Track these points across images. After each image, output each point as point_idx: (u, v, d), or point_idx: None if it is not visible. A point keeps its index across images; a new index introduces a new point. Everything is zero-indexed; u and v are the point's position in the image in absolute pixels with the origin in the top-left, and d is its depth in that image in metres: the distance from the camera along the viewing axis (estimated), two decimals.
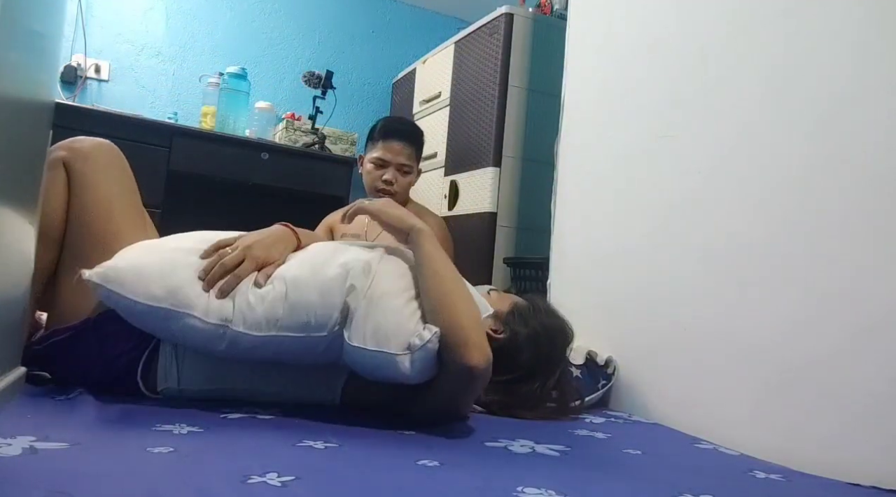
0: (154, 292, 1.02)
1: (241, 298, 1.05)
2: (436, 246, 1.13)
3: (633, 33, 1.66)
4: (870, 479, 0.96)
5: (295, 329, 1.04)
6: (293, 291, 1.04)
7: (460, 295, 1.07)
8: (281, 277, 1.06)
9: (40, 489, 0.63)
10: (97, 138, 1.27)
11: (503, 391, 1.23)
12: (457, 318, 1.01)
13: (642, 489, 0.86)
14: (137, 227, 1.23)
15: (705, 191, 1.37)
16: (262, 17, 3.24)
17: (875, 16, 1.09)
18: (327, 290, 1.04)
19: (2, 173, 0.79)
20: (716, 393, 1.27)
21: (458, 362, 0.99)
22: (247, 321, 1.03)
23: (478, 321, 1.07)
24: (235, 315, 1.03)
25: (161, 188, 2.47)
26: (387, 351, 0.99)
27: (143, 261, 1.05)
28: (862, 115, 1.09)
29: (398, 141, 2.01)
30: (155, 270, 1.04)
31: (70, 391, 1.06)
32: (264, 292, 1.05)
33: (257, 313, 1.03)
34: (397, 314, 1.01)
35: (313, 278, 1.05)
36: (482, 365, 1.00)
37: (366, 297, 1.03)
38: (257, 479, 0.71)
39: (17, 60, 0.82)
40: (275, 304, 1.04)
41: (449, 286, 1.07)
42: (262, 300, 1.04)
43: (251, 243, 1.12)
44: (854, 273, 1.06)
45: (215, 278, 1.06)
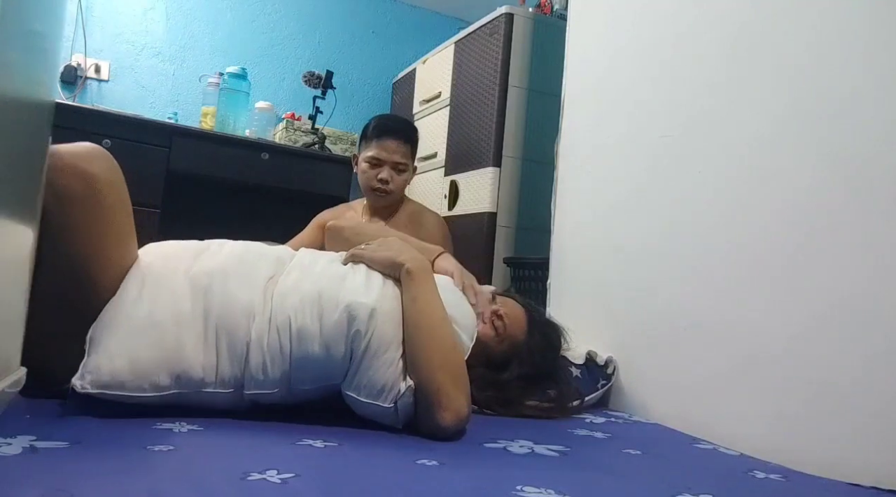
0: (160, 383, 0.97)
1: (248, 364, 1.01)
2: (421, 287, 1.10)
3: (633, 33, 1.66)
4: (869, 480, 0.96)
5: (308, 382, 1.04)
6: (297, 347, 1.01)
7: (437, 345, 1.05)
8: (287, 327, 1.02)
9: (40, 488, 0.63)
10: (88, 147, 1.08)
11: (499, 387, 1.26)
12: (431, 375, 1.02)
13: (642, 489, 0.86)
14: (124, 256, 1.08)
15: (705, 191, 1.37)
16: (262, 17, 3.24)
17: (879, 16, 1.09)
18: (333, 342, 1.02)
19: (1, 173, 0.79)
20: (716, 393, 1.27)
21: (429, 421, 1.01)
22: (259, 383, 1.01)
23: (454, 374, 1.05)
24: (247, 380, 1.01)
25: (161, 188, 2.47)
26: (378, 403, 1.01)
27: (135, 353, 0.96)
28: (866, 116, 1.09)
29: (393, 139, 2.00)
30: (151, 361, 0.96)
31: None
32: (273, 350, 1.01)
33: (269, 374, 1.01)
34: (391, 367, 1.02)
35: (318, 329, 1.02)
36: (452, 426, 1.01)
37: (366, 350, 1.02)
38: (257, 476, 0.71)
39: (17, 60, 0.82)
40: (283, 362, 1.01)
41: (425, 337, 1.05)
42: (272, 361, 1.01)
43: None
44: (855, 274, 1.06)
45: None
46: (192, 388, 0.99)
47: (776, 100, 1.24)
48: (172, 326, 0.99)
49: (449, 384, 1.02)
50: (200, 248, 1.15)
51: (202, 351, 0.99)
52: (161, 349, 0.97)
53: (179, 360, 0.98)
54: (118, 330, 0.98)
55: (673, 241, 1.43)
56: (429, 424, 1.01)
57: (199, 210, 2.84)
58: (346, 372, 1.03)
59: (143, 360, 0.96)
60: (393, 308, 1.07)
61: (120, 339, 0.97)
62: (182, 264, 1.07)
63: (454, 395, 1.02)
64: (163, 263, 1.07)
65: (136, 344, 0.97)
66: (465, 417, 1.03)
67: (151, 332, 0.98)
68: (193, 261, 1.09)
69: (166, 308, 1.00)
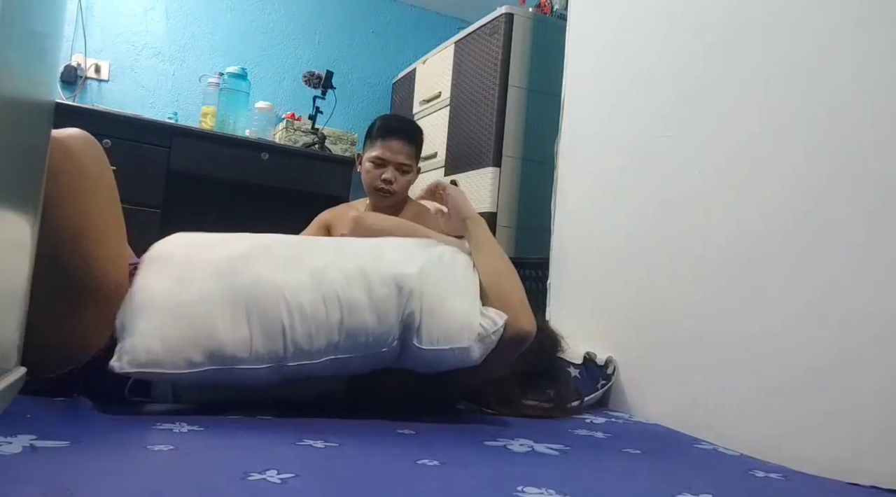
0: (194, 359, 0.99)
1: (292, 333, 1.03)
2: (487, 233, 1.28)
3: (633, 33, 1.66)
4: (869, 479, 0.96)
5: (355, 350, 1.06)
6: (349, 317, 1.05)
7: (510, 274, 1.22)
8: (335, 299, 1.05)
9: (41, 487, 0.63)
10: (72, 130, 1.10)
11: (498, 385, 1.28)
12: (509, 294, 1.17)
13: (642, 488, 0.86)
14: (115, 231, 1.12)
15: (705, 191, 1.37)
16: (262, 17, 3.24)
17: (876, 17, 1.09)
18: (384, 311, 1.06)
19: (1, 173, 0.79)
20: (716, 393, 1.27)
21: (512, 328, 1.11)
22: (304, 353, 1.04)
23: (524, 296, 1.20)
24: (289, 351, 1.03)
25: (161, 188, 2.47)
26: (459, 345, 1.07)
27: (167, 331, 0.99)
28: (859, 115, 1.09)
29: (397, 140, 2.00)
30: (184, 337, 0.99)
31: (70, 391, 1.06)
32: (319, 320, 1.04)
33: (314, 344, 1.04)
34: (459, 314, 1.09)
35: (368, 300, 1.06)
36: (532, 330, 1.15)
37: (424, 310, 1.07)
38: (257, 476, 0.72)
39: (17, 60, 0.82)
40: (331, 331, 1.04)
41: (501, 265, 1.22)
42: (318, 330, 1.04)
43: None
44: (856, 274, 1.06)
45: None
46: (225, 364, 1.01)
47: (775, 99, 1.24)
48: (201, 305, 1.02)
49: (523, 300, 1.18)
50: (219, 238, 1.18)
51: (232, 328, 1.01)
52: (191, 327, 1.00)
53: (211, 337, 1.00)
54: (146, 312, 1.00)
55: (673, 240, 1.43)
56: (511, 331, 1.11)
57: (199, 210, 2.84)
58: (394, 339, 1.07)
59: (173, 338, 0.99)
60: (438, 270, 1.13)
61: (149, 321, 1.00)
62: (203, 252, 1.10)
63: (527, 308, 1.17)
64: (183, 252, 1.11)
65: (166, 323, 1.00)
66: (535, 326, 1.17)
67: (179, 311, 1.01)
68: (214, 249, 1.12)
69: (192, 288, 1.03)
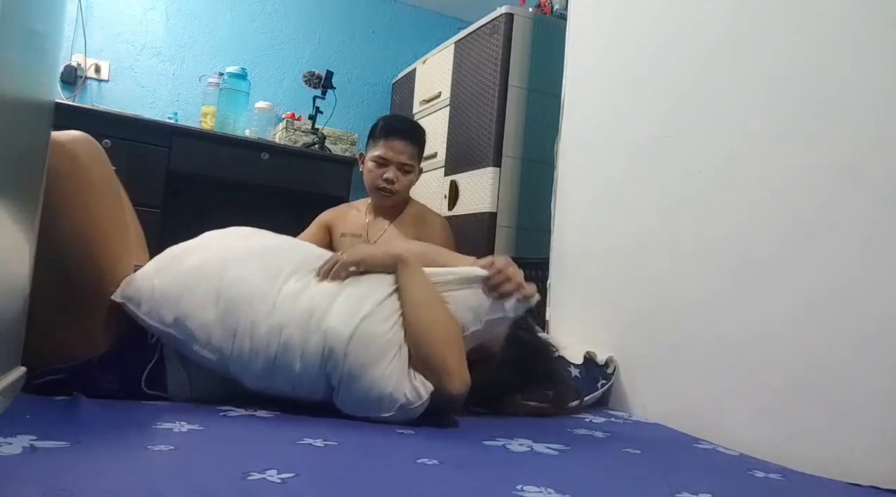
0: (164, 317, 1.09)
1: (240, 342, 1.09)
2: (415, 276, 1.19)
3: (633, 33, 1.66)
4: (869, 479, 0.96)
5: (286, 389, 1.11)
6: (281, 356, 1.09)
7: (439, 323, 1.14)
8: (278, 332, 1.09)
9: (41, 487, 0.63)
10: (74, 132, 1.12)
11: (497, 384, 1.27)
12: (434, 348, 1.11)
13: (641, 488, 0.86)
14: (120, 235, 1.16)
15: (706, 191, 1.37)
16: (262, 17, 3.24)
17: (877, 17, 1.09)
18: (309, 362, 1.08)
19: (2, 173, 0.79)
20: (716, 393, 1.27)
21: (438, 389, 1.09)
22: (244, 367, 1.10)
23: (457, 347, 1.13)
24: (233, 355, 1.09)
25: (161, 188, 2.47)
26: (376, 414, 1.08)
27: (160, 282, 1.10)
28: (859, 114, 1.09)
29: (400, 140, 2.00)
30: (168, 294, 1.09)
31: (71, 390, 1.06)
32: (260, 346, 1.08)
33: (251, 363, 1.09)
34: (379, 386, 1.06)
35: (300, 345, 1.08)
36: (460, 391, 1.10)
37: (344, 376, 1.07)
38: (257, 475, 0.72)
39: (17, 60, 0.83)
40: (267, 360, 1.09)
41: (427, 316, 1.14)
42: (258, 354, 1.09)
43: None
44: (855, 275, 1.06)
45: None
46: (184, 335, 1.08)
47: (775, 99, 1.24)
48: (193, 273, 1.12)
49: (454, 354, 1.11)
50: (252, 232, 1.27)
51: (204, 306, 1.09)
52: (176, 288, 1.10)
53: (185, 304, 1.09)
54: (160, 261, 1.15)
55: (673, 241, 1.43)
56: (439, 395, 1.08)
57: (199, 210, 2.84)
58: (321, 390, 1.10)
59: (160, 290, 1.09)
60: (385, 329, 1.11)
61: (155, 267, 1.13)
62: (230, 237, 1.23)
63: (459, 363, 1.11)
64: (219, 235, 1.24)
65: (163, 275, 1.11)
66: (468, 383, 1.11)
67: (177, 272, 1.12)
68: (239, 238, 1.23)
69: (196, 259, 1.15)
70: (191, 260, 1.15)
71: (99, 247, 1.09)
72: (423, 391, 1.08)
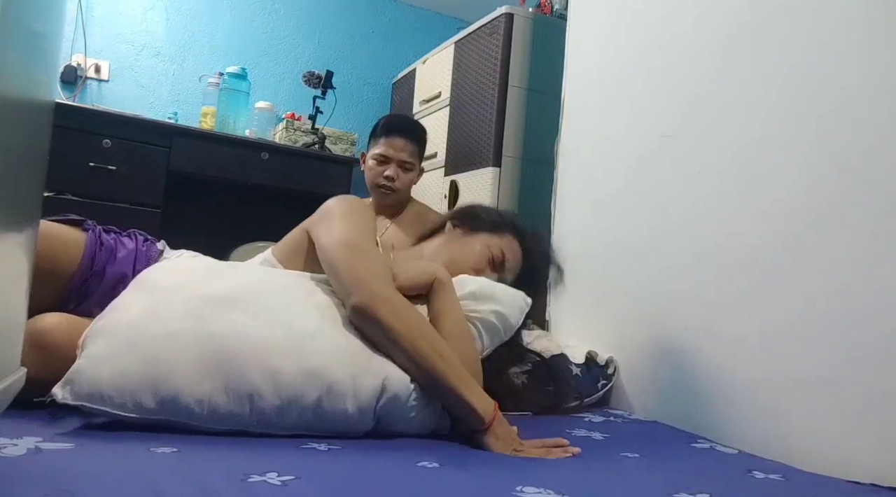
0: (145, 404, 0.87)
1: (261, 401, 0.91)
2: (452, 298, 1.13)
3: (633, 33, 1.66)
4: (869, 477, 0.96)
5: (326, 429, 0.96)
6: (327, 399, 0.93)
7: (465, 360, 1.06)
8: (317, 375, 0.93)
9: (43, 488, 0.63)
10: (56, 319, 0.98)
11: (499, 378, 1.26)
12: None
13: (640, 488, 0.86)
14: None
15: (706, 191, 1.37)
16: (262, 17, 3.24)
17: (879, 17, 1.09)
18: (365, 405, 0.96)
19: (1, 173, 0.79)
20: (715, 392, 1.27)
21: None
22: (269, 424, 0.93)
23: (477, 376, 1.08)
24: (253, 419, 0.92)
25: (161, 188, 2.47)
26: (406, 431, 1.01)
27: (123, 364, 0.88)
28: (860, 115, 1.09)
29: (401, 137, 2.01)
30: (140, 377, 0.87)
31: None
32: (293, 396, 0.92)
33: (283, 417, 0.93)
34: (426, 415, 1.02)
35: (352, 387, 0.95)
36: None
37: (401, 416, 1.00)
38: (258, 477, 0.72)
39: (17, 60, 0.82)
40: (304, 410, 0.93)
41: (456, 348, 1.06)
42: (291, 405, 0.92)
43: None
44: (855, 273, 1.07)
45: None
46: (179, 417, 0.89)
47: (774, 99, 1.24)
48: (166, 344, 0.90)
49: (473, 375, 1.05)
50: (210, 270, 1.08)
51: (193, 379, 0.89)
52: (149, 365, 0.88)
53: (168, 383, 0.88)
54: (108, 337, 0.90)
55: (673, 240, 1.43)
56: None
57: (199, 210, 2.84)
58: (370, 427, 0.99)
59: (129, 375, 0.87)
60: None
61: (108, 347, 0.89)
62: (188, 284, 1.00)
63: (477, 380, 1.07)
64: (169, 281, 1.01)
65: (124, 355, 0.89)
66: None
67: (143, 347, 0.90)
68: (201, 283, 1.01)
69: (163, 324, 0.92)
70: (154, 328, 0.91)
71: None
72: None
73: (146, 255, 1.17)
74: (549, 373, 1.39)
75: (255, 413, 0.91)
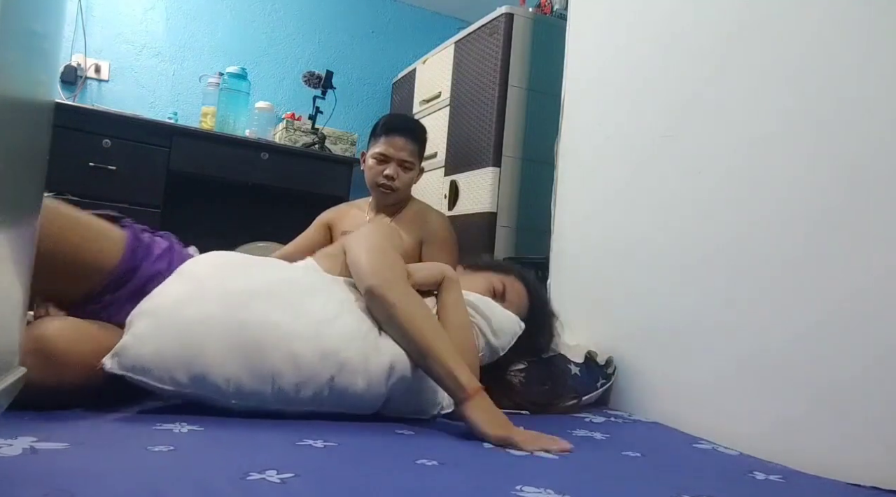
0: (178, 379, 0.99)
1: (280, 380, 1.02)
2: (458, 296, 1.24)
3: (633, 33, 1.66)
4: (870, 480, 0.96)
5: (340, 406, 1.07)
6: (340, 377, 1.04)
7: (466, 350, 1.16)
8: (332, 355, 1.04)
9: (41, 488, 0.63)
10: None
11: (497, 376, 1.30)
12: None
13: (641, 489, 0.86)
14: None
15: (706, 191, 1.37)
16: (262, 17, 3.24)
17: (877, 15, 1.09)
18: (375, 381, 1.06)
19: (1, 173, 0.79)
20: (716, 393, 1.27)
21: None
22: (287, 400, 1.03)
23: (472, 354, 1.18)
24: (272, 396, 1.02)
25: (161, 188, 2.47)
26: (413, 415, 1.13)
27: (162, 342, 0.99)
28: (865, 115, 1.09)
29: (401, 136, 2.01)
30: (175, 355, 0.99)
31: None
32: (310, 375, 1.03)
33: (300, 393, 1.03)
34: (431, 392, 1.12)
35: (362, 365, 1.05)
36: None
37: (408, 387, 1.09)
38: (256, 476, 0.71)
39: (17, 60, 0.82)
40: (320, 386, 1.04)
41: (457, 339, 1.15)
42: (307, 382, 1.03)
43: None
44: (855, 274, 1.06)
45: None
46: (207, 392, 1.00)
47: (775, 99, 1.24)
48: (200, 327, 1.01)
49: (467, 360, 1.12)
50: (247, 264, 1.18)
51: (222, 360, 1.00)
52: (183, 346, 0.99)
53: (199, 362, 0.99)
54: (151, 317, 1.01)
55: (673, 240, 1.43)
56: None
57: (199, 210, 2.84)
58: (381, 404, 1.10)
59: (165, 352, 0.99)
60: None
61: (151, 327, 1.00)
62: (224, 276, 1.11)
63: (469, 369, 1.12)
64: (207, 271, 1.11)
65: (163, 334, 1.00)
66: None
67: (180, 328, 1.01)
68: (236, 275, 1.11)
69: (198, 311, 1.03)
70: (189, 312, 1.03)
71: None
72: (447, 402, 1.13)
73: (181, 255, 1.23)
74: (545, 371, 1.39)
75: (275, 391, 1.02)
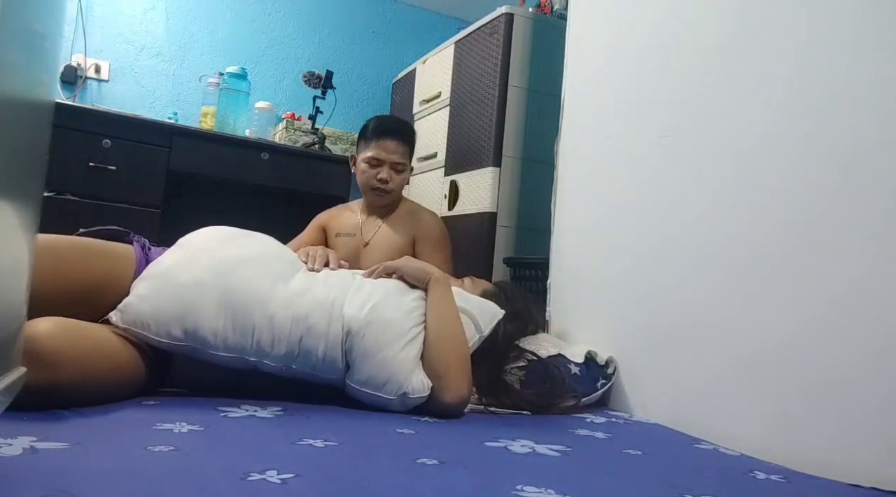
0: (174, 333, 1.14)
1: (259, 334, 1.17)
2: (445, 292, 1.32)
3: (633, 33, 1.66)
4: (870, 481, 0.96)
5: (308, 367, 1.19)
6: (307, 336, 1.18)
7: (454, 338, 1.25)
8: (301, 319, 1.18)
9: (40, 489, 0.63)
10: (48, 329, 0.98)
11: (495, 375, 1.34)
12: (438, 363, 1.20)
13: (642, 489, 0.86)
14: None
15: (705, 191, 1.37)
16: (262, 17, 3.24)
17: (875, 14, 1.09)
18: (332, 343, 1.19)
19: (1, 173, 0.79)
20: (716, 393, 1.27)
21: (434, 398, 1.19)
22: (265, 354, 1.17)
23: (462, 363, 1.23)
24: (252, 348, 1.17)
25: (161, 188, 2.47)
26: (380, 395, 1.18)
27: (159, 302, 1.15)
28: (863, 115, 1.09)
29: (392, 139, 2.01)
30: (171, 313, 1.14)
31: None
32: (282, 333, 1.17)
33: (274, 349, 1.17)
34: (389, 367, 1.18)
35: (325, 329, 1.19)
36: (452, 401, 1.19)
37: (359, 352, 1.19)
38: (257, 476, 0.72)
39: (17, 60, 0.82)
40: (291, 343, 1.18)
41: (445, 328, 1.26)
42: (280, 340, 1.17)
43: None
44: (855, 273, 1.06)
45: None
46: (199, 345, 1.15)
47: (775, 99, 1.24)
48: (192, 289, 1.17)
49: (456, 367, 1.21)
50: (236, 236, 1.33)
51: (211, 317, 1.15)
52: (178, 305, 1.15)
53: (191, 318, 1.14)
54: (152, 281, 1.18)
55: (673, 240, 1.43)
56: (435, 401, 1.19)
57: (199, 210, 2.83)
58: (340, 370, 1.20)
59: (162, 311, 1.14)
60: (386, 315, 1.23)
61: (150, 289, 1.17)
62: (215, 246, 1.27)
63: (459, 377, 1.21)
64: (201, 242, 1.28)
65: (160, 295, 1.16)
66: (463, 398, 1.21)
67: (174, 290, 1.16)
68: (226, 246, 1.27)
69: (190, 274, 1.18)
70: (184, 276, 1.18)
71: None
72: (426, 386, 1.18)
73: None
74: (544, 372, 1.39)
75: (254, 344, 1.17)
